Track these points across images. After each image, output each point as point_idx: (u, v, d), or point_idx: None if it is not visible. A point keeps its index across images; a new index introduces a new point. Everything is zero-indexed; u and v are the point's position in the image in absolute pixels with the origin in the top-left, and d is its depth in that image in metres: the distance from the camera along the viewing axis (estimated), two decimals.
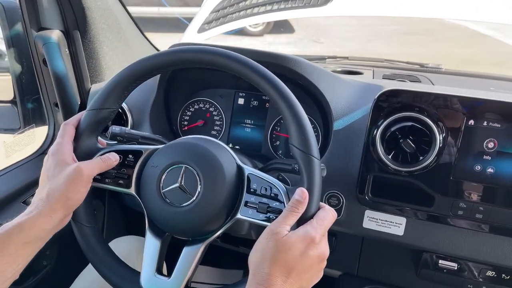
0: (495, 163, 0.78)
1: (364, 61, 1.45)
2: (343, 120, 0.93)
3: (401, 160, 0.82)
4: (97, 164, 0.72)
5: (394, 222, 0.88)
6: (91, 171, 0.70)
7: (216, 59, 0.69)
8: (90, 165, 0.70)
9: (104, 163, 0.73)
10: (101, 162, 0.72)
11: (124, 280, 0.73)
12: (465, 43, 5.64)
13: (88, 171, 0.69)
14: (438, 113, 0.80)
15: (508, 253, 0.84)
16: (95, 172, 0.71)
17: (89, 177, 0.70)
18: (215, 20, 1.75)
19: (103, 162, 0.73)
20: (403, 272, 1.03)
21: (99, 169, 0.72)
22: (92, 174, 0.70)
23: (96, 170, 0.71)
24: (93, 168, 0.71)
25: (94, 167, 0.71)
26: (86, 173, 0.69)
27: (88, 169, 0.69)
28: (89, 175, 0.70)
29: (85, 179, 0.69)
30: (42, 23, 1.10)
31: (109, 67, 1.24)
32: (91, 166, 0.70)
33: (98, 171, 0.72)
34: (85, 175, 0.68)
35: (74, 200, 0.68)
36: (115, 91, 0.73)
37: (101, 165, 0.72)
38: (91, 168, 0.70)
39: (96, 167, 0.71)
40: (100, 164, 0.72)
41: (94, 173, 0.71)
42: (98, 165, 0.72)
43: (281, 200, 0.67)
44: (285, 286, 0.59)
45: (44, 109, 1.19)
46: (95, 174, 0.71)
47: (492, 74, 1.35)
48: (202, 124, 1.15)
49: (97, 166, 0.72)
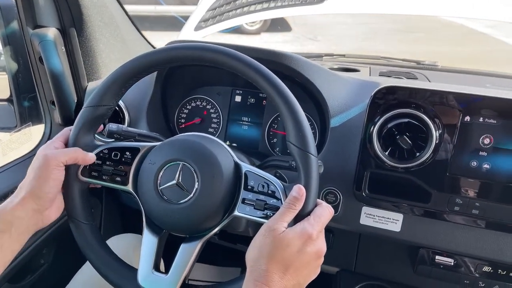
0: (491, 159, 0.79)
1: (361, 59, 1.46)
2: (340, 117, 0.93)
3: (397, 156, 0.83)
4: (67, 152, 0.70)
5: (391, 218, 0.89)
6: (56, 158, 0.68)
7: (214, 56, 0.69)
8: (58, 153, 0.69)
9: (76, 154, 0.71)
10: (72, 152, 0.71)
11: (122, 277, 0.73)
12: (461, 41, 5.66)
13: (54, 158, 0.68)
14: (435, 109, 0.80)
15: (504, 249, 0.85)
16: (61, 159, 0.69)
17: (55, 164, 0.68)
18: (212, 18, 1.75)
19: (74, 152, 0.71)
20: (400, 268, 1.03)
21: (69, 158, 0.70)
22: (58, 161, 0.69)
23: (63, 157, 0.69)
24: (59, 155, 0.69)
25: (61, 155, 0.69)
26: (52, 161, 0.68)
27: (53, 156, 0.68)
28: (55, 163, 0.68)
29: (52, 166, 0.68)
30: (38, 21, 1.09)
31: (106, 65, 1.24)
32: (57, 153, 0.69)
33: (66, 159, 0.70)
34: (51, 163, 0.68)
35: (43, 188, 0.68)
36: (112, 88, 0.73)
37: (72, 155, 0.70)
38: (56, 155, 0.69)
39: (63, 155, 0.69)
40: (70, 154, 0.70)
41: (60, 160, 0.69)
42: (68, 153, 0.70)
43: (278, 197, 0.67)
44: (282, 282, 0.59)
45: (41, 107, 1.19)
46: (61, 161, 0.69)
47: (488, 71, 1.36)
48: (199, 122, 1.15)
49: (66, 155, 0.70)
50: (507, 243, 0.84)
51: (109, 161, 0.75)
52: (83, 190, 0.75)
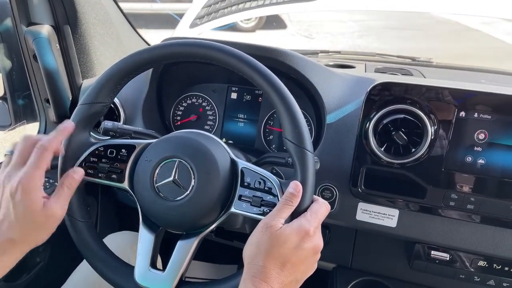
0: (485, 154, 0.79)
1: (356, 55, 1.46)
2: (336, 113, 0.93)
3: (393, 152, 0.83)
4: (65, 195, 0.68)
5: (387, 214, 0.89)
6: (63, 209, 0.67)
7: (210, 52, 0.69)
8: (60, 202, 0.66)
9: (69, 188, 0.68)
10: (66, 190, 0.68)
11: (119, 275, 0.73)
12: (455, 38, 5.68)
13: (62, 212, 0.66)
14: (430, 105, 0.81)
15: (499, 243, 0.85)
16: (66, 205, 0.68)
17: (62, 217, 0.67)
18: (207, 15, 1.74)
19: (69, 188, 0.68)
20: (396, 263, 1.04)
21: (68, 198, 0.68)
22: (65, 211, 0.67)
23: (66, 202, 0.68)
24: (63, 204, 0.67)
25: (63, 202, 0.67)
26: (60, 216, 0.66)
27: (61, 209, 0.66)
28: (62, 215, 0.67)
29: (59, 221, 0.66)
30: (32, 18, 1.08)
31: (101, 63, 1.23)
32: (61, 203, 0.66)
33: (68, 200, 0.68)
34: (59, 218, 0.66)
35: (42, 240, 0.66)
36: (108, 85, 0.73)
37: (68, 193, 0.68)
38: (62, 206, 0.67)
39: (65, 200, 0.67)
40: (67, 193, 0.68)
41: (66, 209, 0.67)
42: (66, 195, 0.68)
43: (275, 194, 0.67)
44: (280, 278, 0.59)
45: (35, 105, 1.18)
46: (66, 209, 0.68)
47: (483, 67, 1.36)
48: (195, 119, 1.15)
49: (65, 198, 0.68)
50: (502, 238, 0.85)
51: (104, 158, 0.74)
52: (78, 188, 0.74)
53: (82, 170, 0.72)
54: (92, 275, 0.77)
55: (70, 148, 0.72)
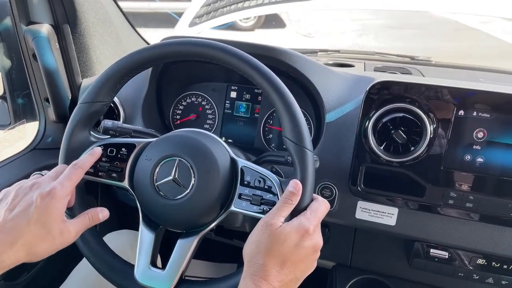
0: (484, 152, 0.79)
1: (356, 54, 1.46)
2: (335, 112, 0.93)
3: (392, 151, 0.83)
4: (84, 223, 0.69)
5: (386, 212, 0.89)
6: (77, 234, 0.67)
7: (209, 51, 0.69)
8: (78, 226, 0.67)
9: (90, 221, 0.69)
10: (87, 220, 0.69)
11: (119, 274, 0.73)
12: (454, 37, 5.69)
13: (75, 235, 0.67)
14: (429, 104, 0.81)
15: (498, 241, 0.86)
16: (81, 233, 0.68)
17: (73, 240, 0.67)
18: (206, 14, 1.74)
19: (89, 220, 0.69)
20: (395, 262, 1.04)
21: (85, 228, 0.69)
22: (77, 236, 0.67)
23: (82, 230, 0.68)
24: (79, 231, 0.67)
25: (80, 229, 0.68)
26: (72, 238, 0.66)
27: (76, 232, 0.66)
28: (74, 239, 0.67)
29: (67, 243, 0.66)
30: (32, 17, 1.08)
31: (100, 62, 1.23)
32: (78, 228, 0.67)
33: (84, 230, 0.69)
34: (70, 240, 0.66)
35: (41, 256, 0.64)
36: (107, 84, 0.73)
37: (87, 223, 0.69)
38: (78, 232, 0.67)
39: (82, 228, 0.68)
40: (86, 223, 0.69)
41: (79, 234, 0.68)
42: (85, 224, 0.69)
43: (274, 192, 0.67)
44: (280, 276, 0.59)
45: (35, 104, 1.18)
46: (79, 235, 0.68)
47: (482, 66, 1.37)
48: (195, 118, 1.15)
49: (84, 226, 0.68)
50: (501, 236, 0.85)
51: (104, 157, 0.74)
52: (79, 187, 0.74)
53: (108, 212, 0.73)
54: (92, 273, 0.77)
55: (70, 147, 0.72)
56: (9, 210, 0.62)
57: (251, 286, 0.58)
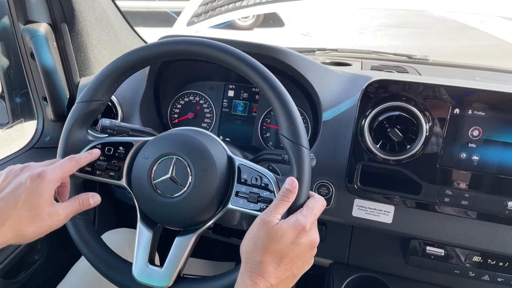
0: (480, 150, 0.80)
1: (353, 53, 1.46)
2: (332, 110, 0.94)
3: (388, 149, 0.84)
4: (74, 207, 0.68)
5: (382, 210, 0.90)
6: (66, 218, 0.67)
7: (206, 50, 0.69)
8: (68, 210, 0.66)
9: (80, 206, 0.69)
10: (77, 204, 0.69)
11: (117, 272, 0.73)
12: (452, 35, 5.70)
13: (64, 218, 0.66)
14: (425, 102, 0.81)
15: (493, 239, 0.86)
16: (70, 217, 0.68)
17: (62, 223, 0.66)
18: (204, 13, 1.74)
19: (80, 205, 0.69)
20: (392, 259, 1.05)
21: (75, 213, 0.68)
22: (66, 220, 0.67)
23: (72, 214, 0.68)
24: (69, 214, 0.67)
25: (70, 213, 0.67)
26: (61, 221, 0.65)
27: (65, 215, 0.66)
28: (63, 222, 0.66)
29: (56, 226, 0.65)
30: (29, 16, 1.08)
31: (98, 61, 1.23)
32: (67, 211, 0.66)
33: (74, 214, 0.68)
34: (59, 222, 0.65)
35: (30, 238, 0.64)
36: (105, 83, 0.73)
37: (77, 208, 0.68)
38: (67, 215, 0.67)
39: (72, 211, 0.67)
40: (76, 207, 0.68)
41: (68, 218, 0.67)
42: (75, 208, 0.68)
43: (271, 190, 0.68)
44: (277, 273, 0.60)
45: (33, 103, 1.18)
46: (69, 218, 0.68)
47: (478, 65, 1.37)
48: (193, 117, 1.15)
49: (73, 210, 0.68)
50: (496, 233, 0.86)
51: (102, 156, 0.75)
52: (77, 185, 0.75)
53: (99, 197, 0.72)
54: (90, 272, 0.78)
55: (67, 145, 0.73)
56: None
57: (249, 283, 0.59)
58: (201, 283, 0.70)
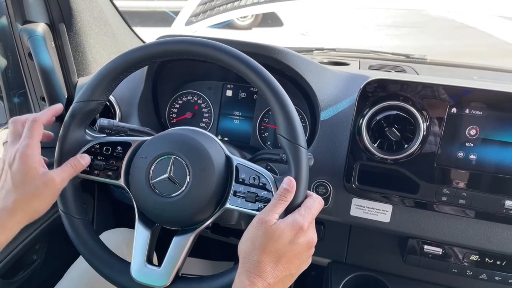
0: (477, 149, 0.80)
1: (351, 53, 1.47)
2: (330, 110, 0.94)
3: (386, 148, 0.84)
4: (68, 171, 0.69)
5: (380, 209, 0.90)
6: (63, 181, 0.68)
7: (204, 50, 0.69)
8: (62, 174, 0.68)
9: (73, 168, 0.70)
10: (70, 168, 0.70)
11: (115, 271, 0.73)
12: (451, 35, 5.70)
13: (60, 182, 0.67)
14: (422, 101, 0.82)
15: (491, 238, 0.87)
16: (67, 180, 0.69)
17: (61, 188, 0.68)
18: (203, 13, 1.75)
19: (73, 167, 0.70)
20: (390, 258, 1.05)
21: (70, 176, 0.70)
22: (64, 183, 0.68)
23: (67, 177, 0.69)
24: (64, 177, 0.68)
25: (65, 176, 0.68)
26: (58, 185, 0.67)
27: (60, 179, 0.67)
28: (61, 186, 0.68)
29: (57, 191, 0.67)
30: (27, 16, 1.08)
31: (96, 60, 1.23)
32: (63, 175, 0.68)
33: (70, 178, 0.70)
34: (57, 187, 0.67)
35: (41, 211, 0.66)
36: (102, 83, 0.73)
37: (71, 171, 0.70)
38: (63, 178, 0.68)
39: (67, 175, 0.69)
40: (70, 170, 0.70)
41: (65, 182, 0.69)
42: (69, 172, 0.70)
43: (269, 189, 0.68)
44: (274, 273, 0.60)
45: (31, 103, 1.18)
46: (66, 182, 0.69)
47: (476, 64, 1.38)
48: (191, 117, 1.15)
49: (67, 173, 0.69)
50: (494, 232, 0.86)
51: (100, 156, 0.75)
52: (75, 185, 0.75)
53: (89, 157, 0.73)
54: (88, 271, 0.78)
55: (65, 145, 0.73)
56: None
57: (246, 282, 0.59)
58: (199, 283, 0.70)
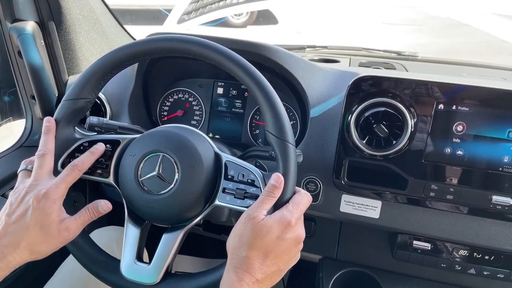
0: (464, 145, 0.81)
1: (343, 50, 1.47)
2: (320, 107, 0.94)
3: (375, 145, 0.84)
4: (83, 218, 0.69)
5: (370, 205, 0.91)
6: (76, 231, 0.68)
7: (192, 47, 0.69)
8: (77, 222, 0.68)
9: (90, 215, 0.70)
10: (88, 215, 0.70)
11: (105, 269, 0.73)
12: (446, 32, 5.71)
13: (74, 232, 0.68)
14: (410, 98, 0.82)
15: (478, 232, 0.88)
16: (81, 229, 0.69)
17: (73, 237, 0.68)
18: (195, 11, 1.75)
19: (90, 214, 0.70)
20: (380, 254, 1.06)
21: (86, 223, 0.70)
22: (77, 233, 0.69)
23: (83, 225, 0.69)
24: (79, 226, 0.69)
25: (80, 224, 0.69)
26: (71, 235, 0.68)
27: (75, 229, 0.68)
28: (74, 236, 0.68)
29: (68, 240, 0.68)
30: (17, 14, 1.08)
31: (86, 58, 1.23)
32: (77, 224, 0.68)
33: (85, 225, 0.70)
34: (70, 237, 0.67)
35: (46, 254, 0.67)
36: (91, 81, 0.73)
37: (87, 218, 0.70)
38: (77, 228, 0.68)
39: (81, 223, 0.69)
40: (86, 218, 0.69)
41: (79, 231, 0.69)
42: (84, 219, 0.69)
43: (257, 186, 0.68)
44: (262, 268, 0.60)
45: (21, 102, 1.18)
46: (80, 231, 0.69)
47: (466, 61, 1.38)
48: (182, 114, 1.15)
49: (83, 221, 0.69)
50: (481, 227, 0.87)
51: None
52: None
53: (110, 204, 0.72)
54: (78, 270, 0.78)
55: (55, 143, 0.72)
56: (9, 215, 0.65)
57: (234, 278, 0.59)
58: (188, 280, 0.71)
